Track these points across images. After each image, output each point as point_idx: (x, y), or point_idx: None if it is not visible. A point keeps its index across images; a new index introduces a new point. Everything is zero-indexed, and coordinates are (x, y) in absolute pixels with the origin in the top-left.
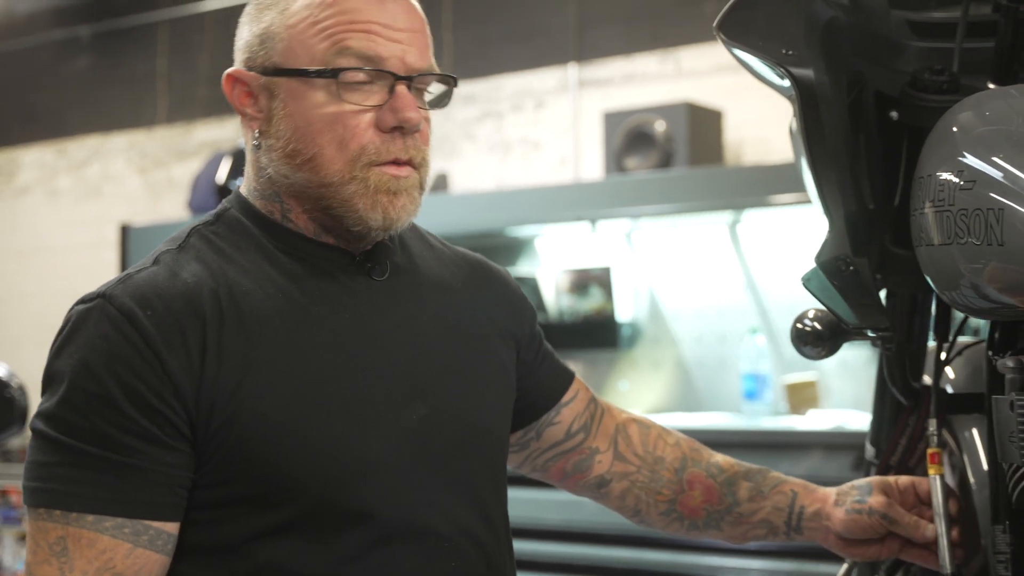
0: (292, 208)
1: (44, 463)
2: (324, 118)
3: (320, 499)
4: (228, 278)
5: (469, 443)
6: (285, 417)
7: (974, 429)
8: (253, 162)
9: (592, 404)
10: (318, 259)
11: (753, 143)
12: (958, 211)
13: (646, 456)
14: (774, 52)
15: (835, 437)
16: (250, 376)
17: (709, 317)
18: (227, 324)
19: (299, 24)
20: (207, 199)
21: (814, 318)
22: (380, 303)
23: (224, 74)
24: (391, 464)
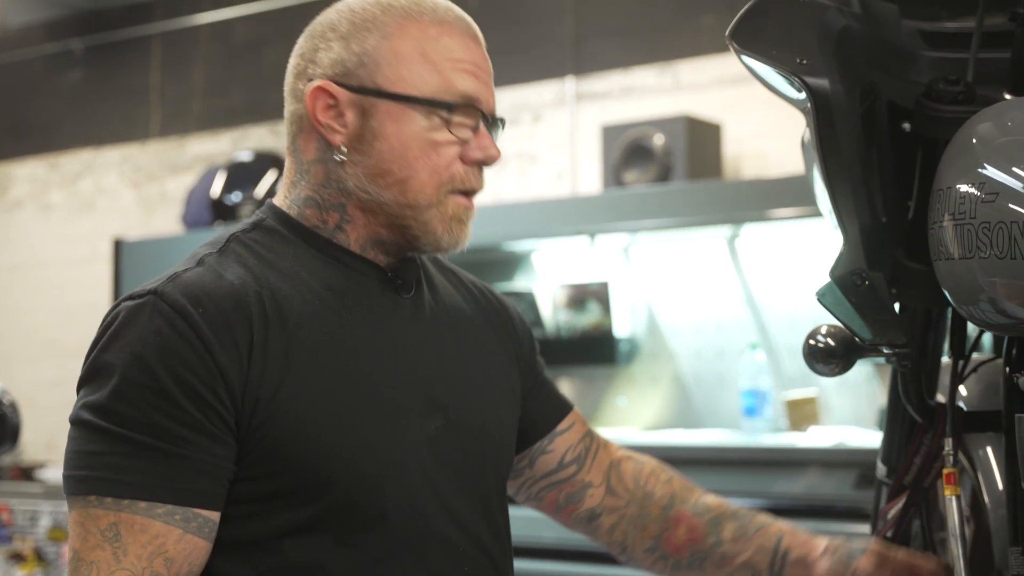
0: (353, 219)
1: (93, 452)
2: (423, 145)
3: (346, 497)
4: (269, 282)
5: (482, 455)
6: (318, 418)
7: (988, 448)
8: (318, 173)
9: (588, 437)
10: (353, 271)
11: (752, 157)
12: (979, 224)
13: (636, 491)
14: (788, 61)
15: (836, 454)
16: (289, 377)
17: (708, 332)
18: (271, 326)
19: (408, 52)
20: (201, 213)
21: (827, 334)
22: (405, 317)
23: (312, 86)
24: (413, 469)
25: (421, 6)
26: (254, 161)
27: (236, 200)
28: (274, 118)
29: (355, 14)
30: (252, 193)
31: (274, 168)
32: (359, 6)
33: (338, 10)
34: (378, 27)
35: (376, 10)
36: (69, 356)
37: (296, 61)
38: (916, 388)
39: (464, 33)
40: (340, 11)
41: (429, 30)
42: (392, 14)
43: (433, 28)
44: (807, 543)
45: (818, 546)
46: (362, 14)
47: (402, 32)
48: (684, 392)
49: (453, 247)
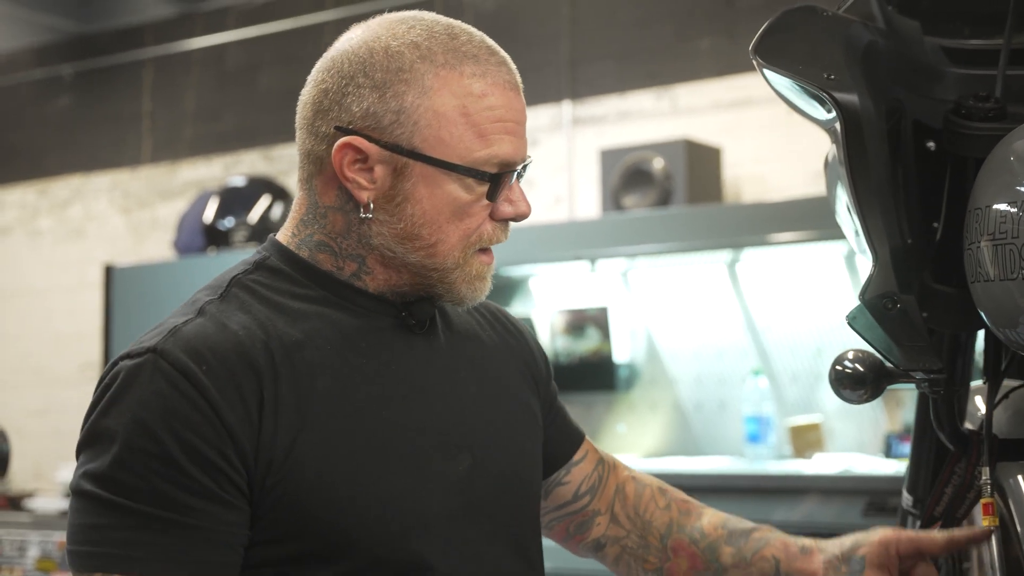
0: (373, 272)
1: (97, 526)
2: (456, 211)
3: (374, 555)
4: (277, 329)
5: (511, 493)
6: (339, 473)
7: (1020, 476)
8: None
9: (600, 465)
10: (367, 311)
11: (751, 181)
12: (1023, 244)
13: (636, 520)
14: (815, 76)
15: (843, 482)
16: (304, 432)
17: (708, 358)
18: (281, 378)
19: (449, 113)
20: (194, 239)
21: (854, 359)
22: (422, 356)
23: (341, 141)
24: (441, 517)
25: (460, 51)
26: (247, 186)
27: (229, 225)
28: (267, 143)
29: (390, 59)
30: (246, 219)
31: (268, 193)
32: (393, 47)
33: (369, 47)
34: (416, 80)
35: (412, 55)
36: (58, 384)
37: (317, 95)
38: (949, 415)
39: (506, 86)
40: (372, 50)
41: (472, 85)
42: (431, 63)
43: (476, 82)
44: (806, 566)
45: (818, 571)
46: (398, 60)
47: (443, 87)
48: (685, 419)
49: (473, 303)
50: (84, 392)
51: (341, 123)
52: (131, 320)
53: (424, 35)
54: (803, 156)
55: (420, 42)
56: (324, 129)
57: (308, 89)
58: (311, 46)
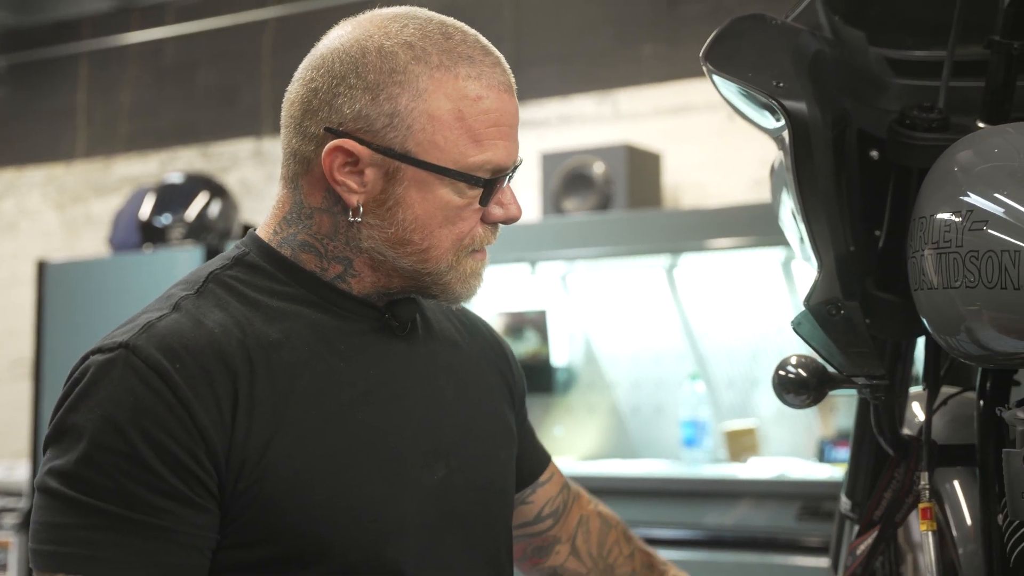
0: (359, 274)
1: (62, 525)
2: (449, 214)
3: (347, 561)
4: (255, 328)
5: (485, 504)
6: (313, 477)
7: (956, 482)
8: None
9: (565, 490)
10: (348, 313)
11: (691, 187)
12: (967, 253)
13: (598, 560)
14: (765, 84)
15: (777, 486)
16: (280, 433)
17: (646, 362)
18: (257, 378)
19: (444, 116)
20: (129, 235)
21: (797, 365)
22: (401, 360)
23: (332, 143)
24: (417, 525)
25: (455, 52)
26: (185, 183)
27: (166, 223)
28: (205, 139)
29: (384, 59)
30: (183, 216)
31: (206, 191)
32: (387, 47)
33: (362, 46)
34: (411, 81)
35: (407, 56)
36: None
37: (306, 94)
38: (889, 420)
39: (501, 87)
40: (365, 49)
41: (468, 88)
42: (425, 64)
43: (471, 85)
44: None
45: None
46: (392, 60)
47: (438, 89)
48: (622, 422)
49: (469, 299)
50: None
51: (331, 124)
52: (64, 317)
53: (418, 34)
54: (743, 163)
55: (414, 42)
56: (313, 129)
57: (296, 87)
58: (250, 43)
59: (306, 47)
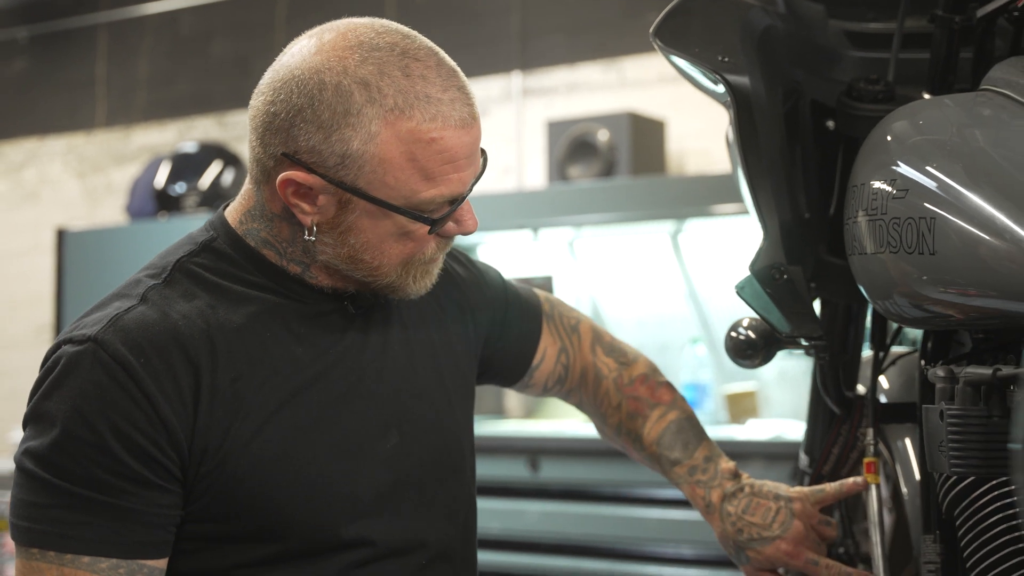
0: (317, 276)
1: (36, 504)
2: (399, 240)
3: (310, 533)
4: (218, 316)
5: (440, 463)
6: (277, 458)
7: (906, 439)
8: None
9: (562, 354)
10: (307, 298)
11: (695, 154)
12: (891, 220)
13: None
14: (710, 59)
15: (774, 447)
16: (239, 419)
17: (650, 327)
18: (219, 368)
19: (395, 159)
20: (145, 204)
21: (748, 327)
22: (359, 334)
23: (283, 176)
24: (373, 494)
25: (412, 92)
26: (199, 152)
27: (180, 191)
28: (221, 109)
29: (339, 98)
30: (197, 184)
31: (219, 159)
32: (344, 85)
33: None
34: (363, 125)
35: (361, 98)
36: (13, 347)
37: (265, 115)
38: (834, 380)
39: (458, 124)
40: (323, 84)
41: (421, 130)
42: (379, 106)
43: (426, 127)
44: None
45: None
46: (346, 101)
47: (390, 133)
48: None
49: (425, 291)
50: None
51: (288, 150)
52: (84, 284)
53: (375, 72)
54: None
55: (371, 81)
56: (273, 148)
57: (259, 102)
58: (264, 13)
59: (318, 17)
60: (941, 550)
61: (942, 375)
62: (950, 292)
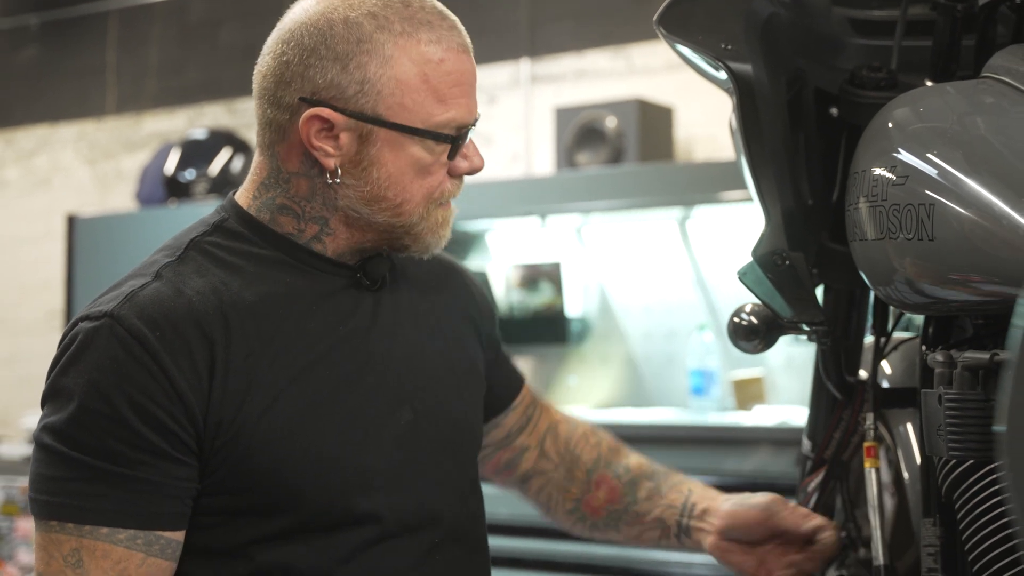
0: (335, 232)
1: (55, 477)
2: (420, 171)
3: (321, 507)
4: (232, 293)
5: (452, 442)
6: (288, 432)
7: (908, 424)
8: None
9: (532, 406)
10: (322, 274)
11: (703, 140)
12: (891, 206)
13: (565, 455)
14: (713, 47)
15: (780, 433)
16: (254, 393)
17: (658, 313)
18: (233, 343)
19: (410, 80)
20: (155, 191)
21: (750, 312)
22: (368, 313)
23: (309, 112)
24: (385, 469)
25: (415, 19)
26: (208, 139)
27: (190, 178)
28: (230, 96)
29: (350, 30)
30: (206, 171)
31: (228, 146)
32: (352, 18)
33: (328, 19)
34: (377, 50)
35: (371, 26)
36: (24, 333)
37: (278, 67)
38: (836, 365)
39: (459, 49)
40: (332, 21)
41: (429, 52)
42: (389, 32)
43: (433, 48)
44: (713, 497)
45: (720, 498)
46: (358, 31)
47: (402, 55)
48: (634, 372)
49: (438, 248)
50: (50, 340)
51: (305, 94)
52: (94, 270)
53: (380, 4)
54: None
55: (377, 12)
56: (287, 100)
57: (267, 60)
58: (272, 1)
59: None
60: (940, 533)
61: (940, 360)
62: (949, 278)
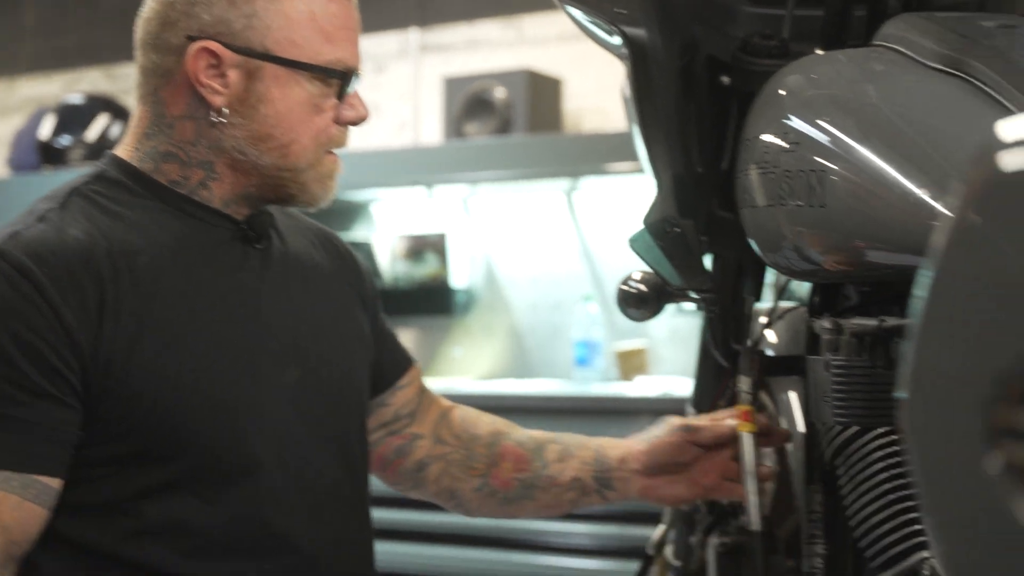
0: (220, 177)
1: None
2: (307, 109)
3: (209, 454)
4: (118, 236)
5: (341, 404)
6: (176, 375)
7: (791, 392)
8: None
9: (422, 393)
10: (206, 224)
11: (592, 112)
12: (782, 173)
13: (462, 435)
14: (607, 11)
15: (663, 403)
16: (144, 335)
17: (544, 285)
18: (122, 283)
19: (298, 16)
20: (29, 157)
21: (639, 280)
22: (256, 268)
23: (196, 46)
24: (276, 421)
25: None
26: (85, 104)
27: (66, 144)
28: (110, 61)
29: None
30: (82, 136)
31: (106, 112)
32: None
33: None
34: None
35: None
36: None
37: (162, 9)
38: (723, 334)
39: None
40: None
41: None
42: None
43: None
44: (625, 444)
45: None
46: None
47: None
48: (519, 343)
49: (326, 202)
50: None
51: (192, 32)
52: None
53: None
54: None
55: None
56: (173, 41)
57: (150, 5)
58: None
59: None
60: (823, 500)
61: (828, 327)
62: (839, 245)
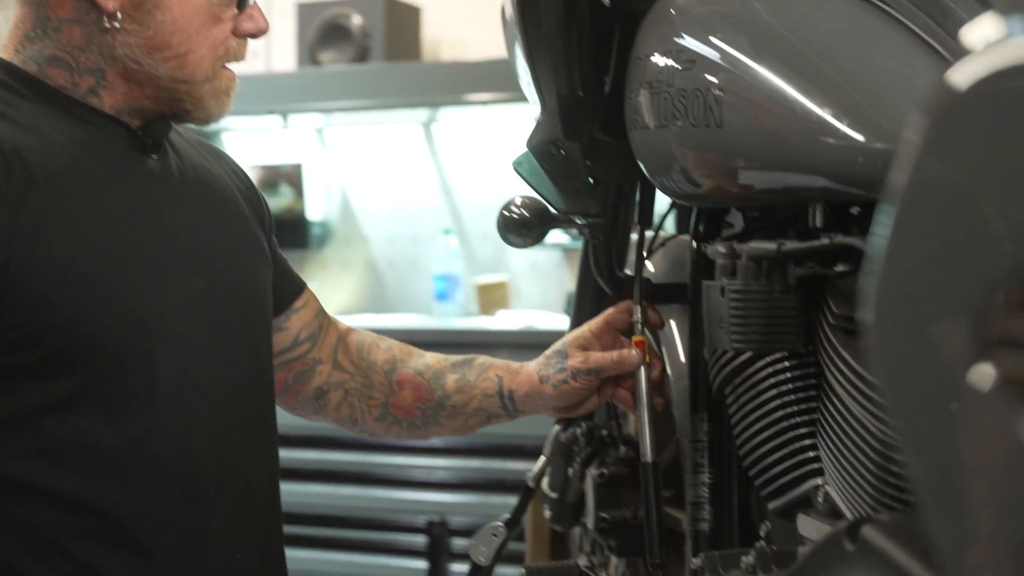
0: (112, 86)
1: None
2: (205, 18)
3: (115, 363)
4: (8, 134)
5: (245, 317)
6: (80, 278)
7: (672, 320)
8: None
9: (320, 315)
10: (99, 129)
11: (451, 43)
12: (676, 92)
13: (360, 363)
14: None
15: (524, 336)
16: (47, 232)
17: (402, 218)
18: (15, 179)
19: None
20: None
21: (522, 205)
22: (155, 178)
23: None
24: (180, 331)
25: None
26: None
27: None
28: None
29: None
30: None
31: None
32: None
33: None
34: None
35: None
36: None
37: None
38: (607, 260)
39: None
40: None
41: None
42: None
43: None
44: (526, 379)
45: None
46: None
47: None
48: (377, 277)
49: (221, 118)
50: None
51: None
52: None
53: None
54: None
55: None
56: None
57: None
58: None
59: None
60: (709, 428)
61: (724, 251)
62: (736, 165)
